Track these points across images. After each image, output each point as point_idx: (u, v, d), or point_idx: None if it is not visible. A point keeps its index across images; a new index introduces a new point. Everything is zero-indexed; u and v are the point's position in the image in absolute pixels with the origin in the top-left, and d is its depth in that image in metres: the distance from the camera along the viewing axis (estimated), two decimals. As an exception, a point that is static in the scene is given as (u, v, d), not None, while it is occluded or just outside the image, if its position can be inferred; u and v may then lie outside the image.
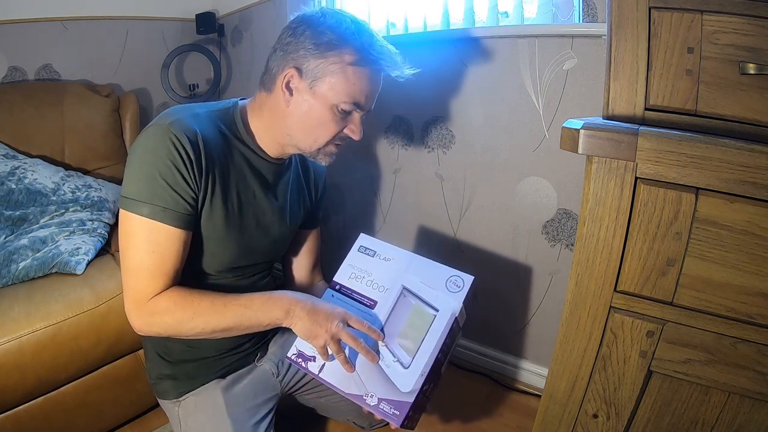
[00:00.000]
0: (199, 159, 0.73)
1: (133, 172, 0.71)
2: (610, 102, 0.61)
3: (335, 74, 0.74)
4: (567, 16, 1.16)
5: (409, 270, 0.85)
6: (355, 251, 0.91)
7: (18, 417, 0.97)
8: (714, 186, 0.49)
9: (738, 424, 0.55)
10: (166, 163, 0.70)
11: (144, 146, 0.71)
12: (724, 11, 0.55)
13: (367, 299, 0.85)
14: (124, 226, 0.73)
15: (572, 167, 1.17)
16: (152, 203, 0.70)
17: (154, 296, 0.73)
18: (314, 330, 0.78)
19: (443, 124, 1.36)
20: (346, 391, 0.79)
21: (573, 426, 0.65)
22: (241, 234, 0.83)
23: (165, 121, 0.72)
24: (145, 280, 0.73)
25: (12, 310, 0.97)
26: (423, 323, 0.80)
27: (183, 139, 0.71)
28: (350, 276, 0.88)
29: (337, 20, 0.75)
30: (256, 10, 1.80)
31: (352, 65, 0.74)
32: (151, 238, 0.71)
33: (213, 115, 0.80)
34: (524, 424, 1.23)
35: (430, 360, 0.77)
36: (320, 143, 0.80)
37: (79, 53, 1.69)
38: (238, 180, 0.81)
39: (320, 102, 0.76)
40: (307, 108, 0.77)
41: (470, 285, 0.81)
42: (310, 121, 0.78)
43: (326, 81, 0.75)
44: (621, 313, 0.57)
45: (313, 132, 0.79)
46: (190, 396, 0.88)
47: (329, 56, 0.74)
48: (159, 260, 0.72)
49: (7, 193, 1.24)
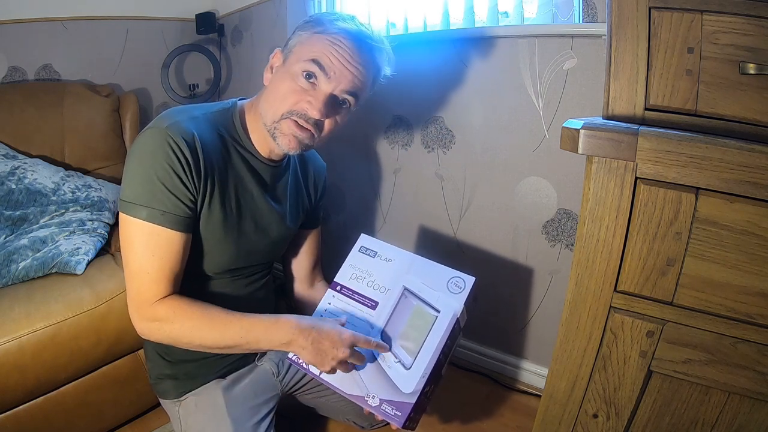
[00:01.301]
0: (197, 162, 0.73)
1: (132, 176, 0.71)
2: (610, 102, 0.61)
3: (302, 43, 0.77)
4: (567, 16, 1.16)
5: (411, 271, 0.85)
6: (356, 251, 0.91)
7: (18, 417, 0.97)
8: (714, 186, 0.49)
9: (738, 424, 0.55)
10: (164, 167, 0.70)
11: (141, 150, 0.71)
12: (724, 11, 0.55)
13: (368, 300, 0.85)
14: (124, 230, 0.73)
15: (572, 167, 1.17)
16: (151, 207, 0.70)
17: (157, 301, 0.73)
18: (319, 359, 0.76)
19: (443, 124, 1.36)
20: (348, 392, 0.79)
21: (573, 426, 0.65)
22: (239, 236, 0.83)
23: (162, 124, 0.72)
24: (146, 284, 0.73)
25: (12, 310, 0.97)
26: (424, 324, 0.80)
27: (180, 143, 0.71)
28: (351, 276, 0.88)
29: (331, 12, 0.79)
30: (256, 10, 1.80)
31: (318, 33, 0.77)
32: (151, 241, 0.71)
33: (211, 116, 0.80)
34: (524, 424, 1.23)
35: (432, 361, 0.77)
36: (278, 114, 0.76)
37: (79, 53, 1.69)
38: (236, 182, 0.81)
39: (287, 69, 0.77)
40: (276, 79, 0.79)
41: (471, 286, 0.81)
42: (275, 90, 0.78)
43: (294, 51, 0.78)
44: (621, 313, 0.57)
45: (274, 101, 0.78)
46: (190, 396, 0.88)
47: (303, 31, 0.79)
48: (159, 264, 0.72)
49: (7, 193, 1.24)
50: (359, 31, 0.77)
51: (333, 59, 0.75)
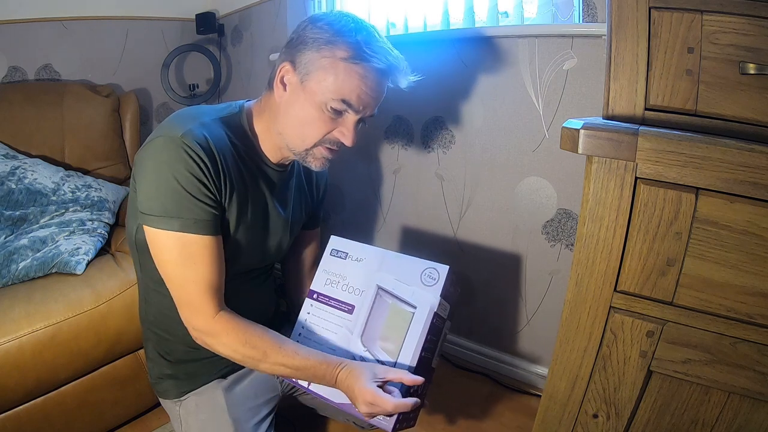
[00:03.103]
0: (215, 166, 0.72)
1: (153, 188, 0.69)
2: (610, 102, 0.61)
3: (325, 69, 0.72)
4: (567, 16, 1.16)
5: (382, 268, 0.82)
6: (328, 255, 0.88)
7: (18, 417, 0.97)
8: (714, 186, 0.49)
9: (738, 424, 0.55)
10: (186, 175, 0.69)
11: (157, 160, 0.69)
12: (724, 11, 0.55)
13: (344, 305, 0.83)
14: (156, 244, 0.72)
15: (572, 167, 1.17)
16: (182, 217, 0.69)
17: (213, 318, 0.73)
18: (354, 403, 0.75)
19: (443, 124, 1.36)
20: (337, 401, 0.77)
21: (573, 426, 0.65)
22: (251, 240, 0.82)
23: (176, 133, 0.69)
24: (194, 293, 0.73)
25: (12, 310, 0.97)
26: (402, 322, 0.77)
27: (197, 149, 0.69)
28: (326, 282, 0.86)
29: (338, 17, 0.74)
30: (256, 10, 1.80)
31: (344, 61, 0.71)
32: (187, 251, 0.71)
33: (220, 122, 0.78)
34: (524, 424, 1.23)
35: (414, 359, 0.75)
36: (308, 143, 0.77)
37: (79, 53, 1.69)
38: (249, 187, 0.80)
39: (309, 98, 0.73)
40: (297, 103, 0.75)
41: (446, 275, 0.78)
42: (299, 117, 0.75)
43: (316, 76, 0.72)
44: (621, 313, 0.57)
45: (301, 130, 0.76)
46: (191, 396, 0.88)
47: (322, 50, 0.72)
48: (203, 271, 0.72)
49: (7, 193, 1.24)
50: (389, 66, 0.74)
51: (363, 96, 0.73)
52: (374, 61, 0.72)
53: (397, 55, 0.76)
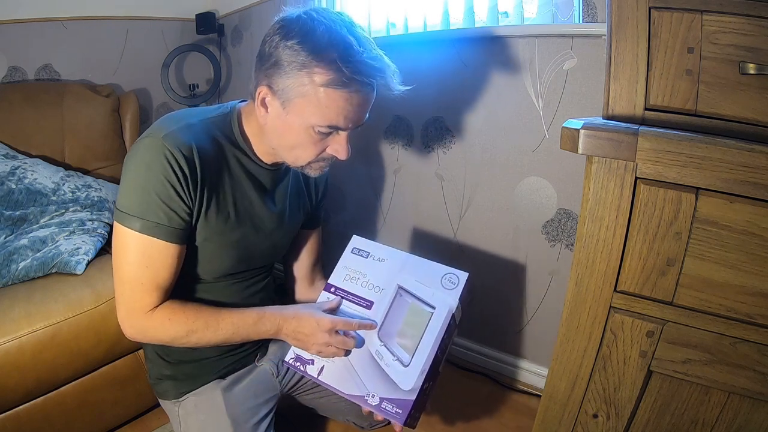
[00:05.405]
0: (194, 173, 0.72)
1: (127, 186, 0.71)
2: (610, 102, 0.61)
3: (306, 97, 0.67)
4: (567, 16, 1.16)
5: (404, 269, 0.85)
6: (349, 253, 0.91)
7: (18, 417, 0.97)
8: (714, 186, 0.49)
9: (738, 424, 0.55)
10: (160, 179, 0.69)
11: (138, 160, 0.71)
12: (724, 11, 0.55)
13: (363, 300, 0.85)
14: (117, 238, 0.73)
15: (572, 167, 1.17)
16: (145, 218, 0.70)
17: (149, 311, 0.75)
18: (303, 345, 0.82)
19: (443, 124, 1.36)
20: (347, 392, 0.79)
21: (573, 426, 0.65)
22: (238, 242, 0.83)
23: (159, 134, 0.70)
24: (138, 293, 0.74)
25: (12, 310, 0.97)
26: (420, 321, 0.80)
27: (177, 154, 0.70)
28: (345, 278, 0.88)
29: (309, 26, 0.67)
30: (256, 10, 1.80)
31: (324, 87, 0.66)
32: (145, 252, 0.72)
33: (209, 122, 0.78)
34: (524, 424, 1.23)
35: (429, 357, 0.77)
36: (302, 162, 0.77)
37: (79, 53, 1.69)
38: (235, 189, 0.81)
39: (295, 122, 0.71)
40: (283, 127, 0.73)
41: (465, 281, 0.81)
42: (289, 141, 0.74)
43: (298, 103, 0.69)
44: (621, 313, 0.57)
45: (292, 152, 0.76)
46: (190, 396, 0.88)
47: (300, 76, 0.66)
48: (152, 274, 0.73)
49: (7, 193, 1.24)
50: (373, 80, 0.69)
51: (351, 116, 0.70)
52: (356, 83, 0.67)
53: (380, 62, 0.69)
